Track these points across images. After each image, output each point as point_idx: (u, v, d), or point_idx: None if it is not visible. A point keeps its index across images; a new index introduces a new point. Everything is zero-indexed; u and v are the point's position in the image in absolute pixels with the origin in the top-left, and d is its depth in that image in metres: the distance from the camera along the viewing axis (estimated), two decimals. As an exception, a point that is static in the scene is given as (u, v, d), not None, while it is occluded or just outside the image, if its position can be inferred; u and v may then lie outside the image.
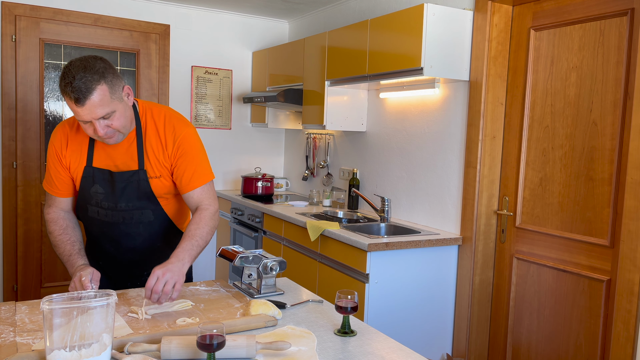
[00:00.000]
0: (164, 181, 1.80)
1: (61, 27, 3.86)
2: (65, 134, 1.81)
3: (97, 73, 1.56)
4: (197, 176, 1.80)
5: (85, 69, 1.54)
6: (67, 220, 1.83)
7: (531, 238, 2.68)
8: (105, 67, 1.59)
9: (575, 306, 2.49)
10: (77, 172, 1.80)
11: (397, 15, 2.85)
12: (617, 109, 2.30)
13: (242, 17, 4.49)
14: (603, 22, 2.35)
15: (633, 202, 2.17)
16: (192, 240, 1.70)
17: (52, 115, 3.90)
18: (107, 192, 1.79)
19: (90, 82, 1.53)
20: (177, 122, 1.81)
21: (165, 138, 1.78)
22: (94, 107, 1.56)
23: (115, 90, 1.61)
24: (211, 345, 1.17)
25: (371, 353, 1.35)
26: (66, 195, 1.85)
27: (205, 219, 1.77)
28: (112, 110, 1.61)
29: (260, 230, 3.77)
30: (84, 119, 1.59)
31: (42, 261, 3.92)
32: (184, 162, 1.78)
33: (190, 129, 1.82)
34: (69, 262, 1.73)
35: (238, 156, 4.59)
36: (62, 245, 1.77)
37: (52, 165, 1.82)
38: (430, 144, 3.12)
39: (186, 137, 1.79)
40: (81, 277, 1.60)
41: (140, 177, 1.77)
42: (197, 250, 1.71)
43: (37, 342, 1.33)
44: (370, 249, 2.62)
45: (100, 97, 1.56)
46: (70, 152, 1.80)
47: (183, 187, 1.81)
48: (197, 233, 1.72)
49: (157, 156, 1.78)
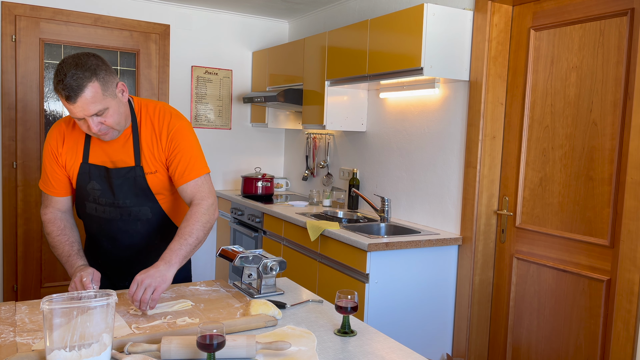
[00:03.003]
0: (160, 176, 1.80)
1: (61, 27, 3.86)
2: (61, 132, 1.81)
3: (89, 70, 1.55)
4: (191, 168, 1.78)
5: (77, 66, 1.54)
6: (64, 221, 1.83)
7: (531, 238, 2.68)
8: (97, 63, 1.58)
9: (575, 306, 2.49)
10: (73, 169, 1.80)
11: (397, 15, 2.85)
12: (617, 109, 2.30)
13: (242, 17, 4.49)
14: (603, 22, 2.35)
15: (633, 202, 2.17)
16: (181, 240, 1.67)
17: (52, 115, 3.90)
18: (104, 188, 1.79)
19: (81, 80, 1.53)
20: (170, 116, 1.80)
21: (160, 131, 1.77)
22: (86, 104, 1.56)
23: (108, 87, 1.61)
24: (211, 345, 1.17)
25: (371, 353, 1.35)
26: (63, 194, 1.84)
27: (197, 215, 1.73)
28: (104, 107, 1.60)
29: (260, 230, 3.77)
30: (77, 116, 1.59)
31: (42, 261, 3.92)
32: (178, 154, 1.77)
33: (183, 122, 1.81)
34: (68, 262, 1.73)
35: (238, 156, 4.58)
36: (61, 246, 1.77)
37: (48, 164, 1.81)
38: (430, 144, 3.12)
39: (179, 130, 1.78)
40: (82, 277, 1.60)
41: (136, 173, 1.77)
42: (188, 248, 1.67)
43: (37, 342, 1.33)
44: (370, 249, 2.62)
45: (92, 94, 1.56)
46: (67, 150, 1.80)
47: (177, 180, 1.79)
48: (186, 231, 1.69)
49: (152, 151, 1.78)
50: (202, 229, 1.72)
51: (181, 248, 1.65)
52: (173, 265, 1.61)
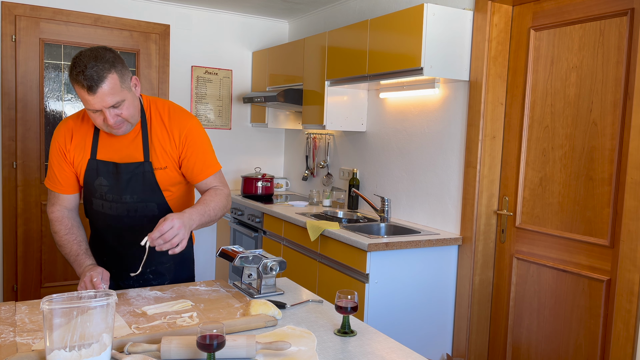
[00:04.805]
0: (170, 172, 1.82)
1: (61, 27, 3.86)
2: (69, 129, 1.82)
3: (108, 62, 1.59)
4: (208, 165, 1.85)
5: (96, 58, 1.58)
6: (71, 220, 1.84)
7: (531, 238, 2.68)
8: (114, 57, 1.63)
9: (575, 306, 2.49)
10: (80, 165, 1.81)
11: (397, 15, 2.85)
12: (617, 109, 2.30)
13: (242, 17, 4.49)
14: (603, 22, 2.35)
15: (633, 202, 2.17)
16: (205, 206, 1.73)
17: (52, 115, 3.90)
18: (112, 184, 1.80)
19: (101, 71, 1.57)
20: (181, 114, 1.85)
21: (171, 129, 1.81)
22: (105, 95, 1.59)
23: (125, 80, 1.65)
24: (211, 345, 1.17)
25: (371, 353, 1.35)
26: (70, 192, 1.85)
27: (220, 195, 1.81)
28: (122, 99, 1.64)
29: (260, 230, 3.77)
30: (94, 108, 1.61)
31: (42, 261, 3.92)
32: (194, 153, 1.82)
33: (195, 120, 1.87)
34: (77, 261, 1.74)
35: (238, 156, 4.59)
36: (69, 245, 1.78)
37: (56, 161, 1.82)
38: (430, 144, 3.12)
39: (192, 129, 1.83)
40: (92, 277, 1.62)
41: (145, 168, 1.78)
42: (207, 218, 1.72)
43: (37, 342, 1.33)
44: (370, 249, 2.62)
45: (111, 85, 1.59)
46: (74, 146, 1.81)
47: (195, 177, 1.85)
48: (211, 202, 1.75)
49: (164, 146, 1.80)
50: (222, 210, 1.79)
51: (203, 214, 1.70)
52: (194, 223, 1.65)
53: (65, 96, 3.93)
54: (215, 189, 1.84)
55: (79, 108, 3.97)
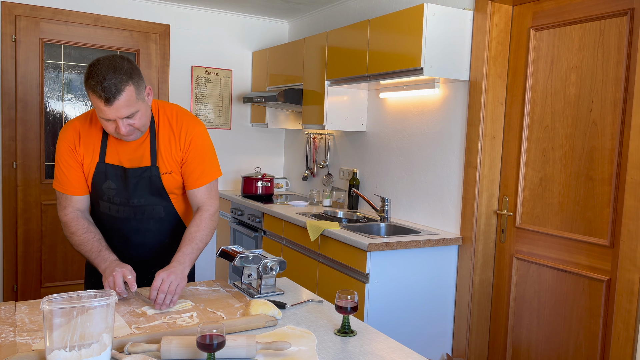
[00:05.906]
0: (175, 176, 1.84)
1: (61, 27, 3.86)
2: (77, 130, 1.81)
3: (126, 74, 1.59)
4: (205, 174, 1.86)
5: (115, 69, 1.57)
6: (86, 220, 1.83)
7: (531, 238, 2.68)
8: (131, 67, 1.62)
9: (575, 306, 2.49)
10: (89, 168, 1.81)
11: (397, 15, 2.85)
12: (617, 109, 2.30)
13: (242, 17, 4.49)
14: (603, 22, 2.35)
15: (633, 202, 2.17)
16: (192, 244, 1.77)
17: (52, 115, 3.90)
18: (120, 187, 1.81)
19: (120, 83, 1.57)
20: (189, 119, 1.86)
21: (178, 133, 1.82)
22: (121, 107, 1.59)
23: (140, 91, 1.65)
24: (211, 345, 1.17)
25: (371, 353, 1.35)
26: (81, 192, 1.84)
27: (206, 221, 1.83)
28: (136, 110, 1.64)
29: (260, 230, 3.77)
30: (108, 117, 1.61)
31: (42, 261, 3.92)
32: (194, 159, 1.84)
33: (201, 127, 1.88)
34: (100, 257, 1.72)
35: (238, 156, 4.59)
36: (89, 243, 1.76)
37: (66, 162, 1.80)
38: (430, 144, 3.12)
39: (197, 135, 1.84)
40: (125, 274, 1.62)
41: (152, 173, 1.80)
42: (197, 252, 1.78)
43: (37, 342, 1.33)
44: (370, 249, 2.62)
45: (128, 97, 1.59)
46: (84, 148, 1.80)
47: (190, 184, 1.87)
48: (197, 236, 1.79)
49: (170, 151, 1.82)
50: (209, 235, 1.84)
51: (193, 252, 1.76)
52: (186, 267, 1.70)
53: (65, 96, 3.93)
54: (201, 214, 1.84)
55: (79, 108, 3.97)
